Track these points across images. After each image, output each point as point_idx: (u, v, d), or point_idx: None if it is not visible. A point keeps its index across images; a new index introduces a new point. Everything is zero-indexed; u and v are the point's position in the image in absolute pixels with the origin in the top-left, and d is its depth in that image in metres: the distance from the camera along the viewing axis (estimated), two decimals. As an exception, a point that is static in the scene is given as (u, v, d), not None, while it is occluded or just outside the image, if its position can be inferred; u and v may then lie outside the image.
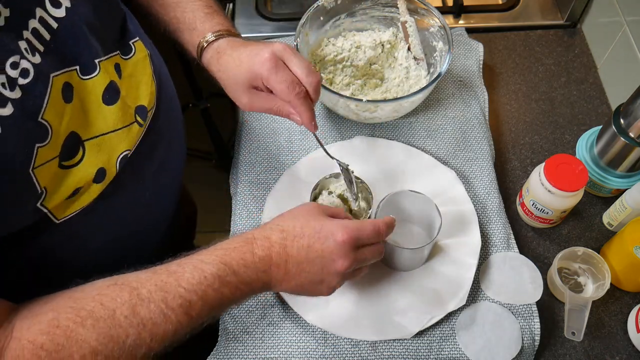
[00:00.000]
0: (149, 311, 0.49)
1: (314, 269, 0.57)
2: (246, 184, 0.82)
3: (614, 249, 0.74)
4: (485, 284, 0.72)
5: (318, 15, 0.85)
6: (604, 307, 0.74)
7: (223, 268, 0.53)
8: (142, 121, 0.61)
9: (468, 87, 0.91)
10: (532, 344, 0.69)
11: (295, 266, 0.57)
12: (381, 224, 0.60)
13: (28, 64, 0.47)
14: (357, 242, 0.58)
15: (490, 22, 1.04)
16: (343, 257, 0.57)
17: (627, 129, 0.73)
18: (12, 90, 0.45)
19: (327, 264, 0.57)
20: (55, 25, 0.51)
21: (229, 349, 0.69)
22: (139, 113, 0.61)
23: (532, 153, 0.87)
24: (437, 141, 0.85)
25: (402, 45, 0.89)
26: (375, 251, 0.61)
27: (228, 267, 0.53)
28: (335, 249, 0.57)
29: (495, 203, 0.79)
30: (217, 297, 0.53)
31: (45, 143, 0.49)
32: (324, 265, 0.57)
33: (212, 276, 0.52)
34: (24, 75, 0.47)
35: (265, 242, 0.56)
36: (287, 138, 0.86)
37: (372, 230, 0.59)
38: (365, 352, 0.68)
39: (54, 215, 0.53)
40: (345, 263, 0.57)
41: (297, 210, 0.61)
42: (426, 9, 0.85)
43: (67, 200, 0.54)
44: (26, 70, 0.47)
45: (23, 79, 0.47)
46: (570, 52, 0.99)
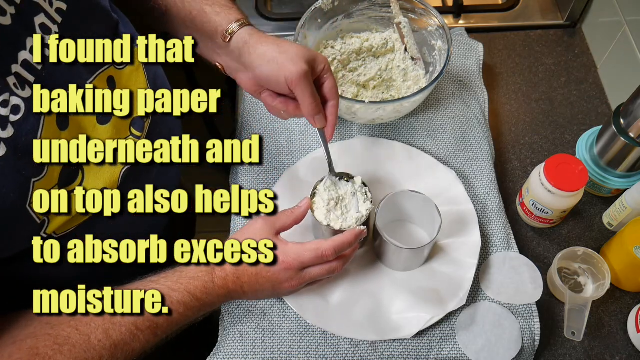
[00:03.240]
0: (120, 334, 0.54)
1: (267, 291, 0.64)
2: (246, 184, 0.82)
3: (614, 249, 0.74)
4: (485, 284, 0.72)
5: (316, 17, 0.85)
6: (604, 307, 0.74)
7: (188, 296, 0.59)
8: (139, 132, 0.61)
9: (468, 87, 0.91)
10: (532, 344, 0.69)
11: (250, 288, 0.63)
12: (325, 248, 0.62)
13: (18, 99, 0.46)
14: (300, 267, 0.62)
15: (490, 22, 1.04)
16: (289, 280, 0.63)
17: (627, 129, 0.73)
18: (3, 129, 0.45)
19: (276, 286, 0.63)
20: (47, 53, 0.49)
21: (229, 349, 0.69)
22: (135, 125, 0.61)
23: (532, 153, 0.87)
24: (437, 141, 0.85)
25: (400, 46, 0.89)
26: (322, 269, 0.64)
27: (192, 295, 0.59)
28: (280, 275, 0.62)
29: (495, 203, 0.79)
30: (182, 319, 0.59)
31: (41, 176, 0.49)
32: (274, 286, 0.64)
33: (178, 303, 0.58)
34: (15, 112, 0.46)
35: (221, 273, 0.62)
36: (287, 138, 0.86)
37: (313, 256, 0.62)
38: (365, 352, 0.68)
39: (54, 233, 0.54)
40: (292, 283, 0.63)
41: (247, 229, 0.65)
42: (424, 9, 0.85)
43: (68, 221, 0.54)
44: (17, 106, 0.46)
45: (14, 116, 0.46)
46: (570, 52, 0.99)
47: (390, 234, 0.68)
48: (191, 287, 0.59)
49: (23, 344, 0.50)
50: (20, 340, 0.50)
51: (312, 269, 0.64)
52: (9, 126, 0.45)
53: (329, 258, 0.63)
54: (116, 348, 0.53)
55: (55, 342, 0.50)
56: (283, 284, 0.63)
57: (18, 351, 0.49)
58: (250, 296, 0.65)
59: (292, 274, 0.62)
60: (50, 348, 0.50)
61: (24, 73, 0.47)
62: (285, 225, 0.65)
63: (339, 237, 0.64)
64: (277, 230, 0.64)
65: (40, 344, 0.50)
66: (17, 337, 0.50)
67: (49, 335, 0.51)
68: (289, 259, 0.62)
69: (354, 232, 0.65)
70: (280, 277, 0.62)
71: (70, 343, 0.51)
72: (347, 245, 0.64)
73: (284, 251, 0.62)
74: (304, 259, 0.62)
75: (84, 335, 0.52)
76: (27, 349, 0.49)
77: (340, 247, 0.63)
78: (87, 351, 0.51)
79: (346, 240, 0.64)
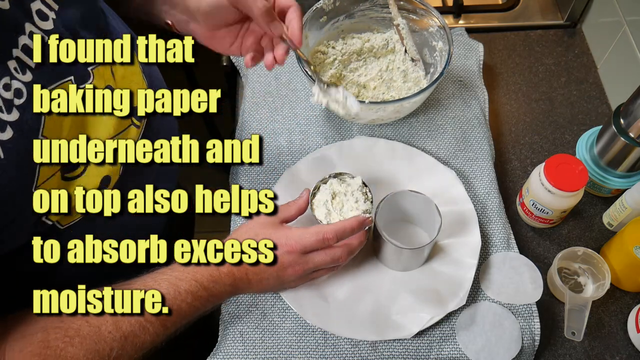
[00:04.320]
0: (130, 325, 0.54)
1: (271, 277, 0.64)
2: (246, 184, 0.82)
3: (614, 249, 0.74)
4: (485, 284, 0.72)
5: (317, 17, 0.85)
6: (604, 307, 0.74)
7: (195, 284, 0.59)
8: (138, 122, 0.61)
9: (468, 87, 0.91)
10: (532, 344, 0.69)
11: (255, 276, 0.63)
12: (327, 230, 0.63)
13: (19, 83, 0.47)
14: (302, 250, 0.63)
15: (490, 22, 1.04)
16: (292, 264, 0.63)
17: (627, 129, 0.73)
18: (9, 112, 0.45)
19: (280, 272, 0.64)
20: (46, 38, 0.50)
21: (229, 349, 0.69)
22: (134, 114, 0.61)
23: (532, 153, 0.87)
24: (437, 141, 0.85)
25: (400, 47, 0.89)
26: (326, 255, 0.65)
27: (199, 284, 0.59)
28: (283, 258, 0.63)
29: (495, 203, 0.79)
30: (190, 310, 0.59)
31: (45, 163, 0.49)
32: (278, 272, 0.64)
33: (185, 292, 0.58)
34: (18, 95, 0.46)
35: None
36: (287, 138, 0.86)
37: (314, 239, 0.63)
38: (365, 352, 0.68)
39: (59, 223, 0.54)
40: (296, 268, 0.64)
41: (252, 222, 0.66)
42: (425, 9, 0.85)
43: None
44: (19, 90, 0.46)
45: (18, 100, 0.46)
46: (570, 52, 0.99)
47: (390, 234, 0.68)
48: (198, 276, 0.59)
49: (34, 337, 0.50)
50: (31, 334, 0.50)
51: (316, 254, 0.64)
52: (14, 109, 0.46)
53: (331, 241, 0.63)
54: (126, 340, 0.53)
55: (66, 335, 0.51)
56: (287, 269, 0.63)
57: (29, 344, 0.49)
58: (255, 285, 0.64)
59: (295, 257, 0.63)
60: (61, 340, 0.50)
61: (24, 57, 0.47)
62: (289, 216, 0.67)
63: (341, 222, 0.65)
64: (282, 221, 0.66)
65: (51, 336, 0.50)
66: (27, 330, 0.50)
67: (59, 328, 0.51)
68: (292, 241, 0.63)
69: (358, 218, 0.65)
70: (283, 260, 0.63)
71: (81, 335, 0.51)
72: (349, 230, 0.64)
73: (286, 235, 0.63)
74: (306, 242, 0.63)
75: (94, 327, 0.52)
76: (37, 342, 0.49)
77: (341, 231, 0.64)
78: (98, 342, 0.51)
79: (348, 225, 0.64)
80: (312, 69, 0.72)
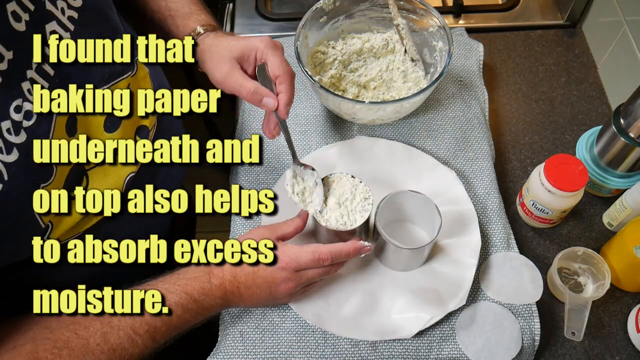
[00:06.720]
0: (118, 337, 0.54)
1: (263, 292, 0.64)
2: (246, 184, 0.82)
3: (614, 249, 0.74)
4: (485, 284, 0.72)
5: (317, 17, 0.85)
6: (604, 307, 0.74)
7: (185, 297, 0.59)
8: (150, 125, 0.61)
9: (468, 87, 0.91)
10: (532, 344, 0.69)
11: (247, 290, 0.63)
12: (323, 251, 0.63)
13: (31, 105, 0.47)
14: (296, 268, 0.63)
15: (490, 22, 1.04)
16: (286, 281, 0.63)
17: (627, 129, 0.73)
18: (17, 135, 0.45)
19: (272, 287, 0.63)
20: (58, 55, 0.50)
21: (229, 349, 0.69)
22: (140, 134, 0.61)
23: (532, 153, 0.87)
24: (437, 141, 0.85)
25: (400, 47, 0.89)
26: (320, 273, 0.65)
27: (189, 296, 0.59)
28: (277, 274, 0.63)
29: (495, 203, 0.79)
30: (180, 322, 0.59)
31: (49, 182, 0.49)
32: (271, 288, 0.63)
33: (175, 305, 0.58)
34: (27, 117, 0.46)
35: (219, 272, 0.62)
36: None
37: (309, 258, 0.63)
38: (365, 352, 0.68)
39: (58, 239, 0.54)
40: (289, 285, 0.63)
41: (247, 233, 0.67)
42: (425, 9, 0.85)
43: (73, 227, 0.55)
44: (29, 112, 0.47)
45: (27, 122, 0.46)
46: (570, 52, 0.99)
47: (390, 234, 0.68)
48: (188, 288, 0.59)
49: (22, 348, 0.50)
50: (20, 345, 0.50)
51: (309, 271, 0.64)
52: (22, 132, 0.46)
53: (325, 262, 0.63)
54: (114, 352, 0.53)
55: (55, 346, 0.51)
56: (280, 285, 0.63)
57: (18, 356, 0.49)
58: (247, 299, 0.64)
59: (288, 274, 0.63)
60: (50, 352, 0.50)
61: (38, 79, 0.48)
62: (286, 234, 0.66)
63: (339, 245, 0.64)
64: (278, 237, 0.65)
65: (40, 347, 0.50)
66: (17, 341, 0.51)
67: (48, 340, 0.51)
68: (287, 258, 0.63)
69: (356, 245, 0.65)
70: (276, 276, 0.63)
71: (69, 347, 0.51)
72: (345, 255, 0.65)
73: (283, 251, 0.63)
74: (301, 260, 0.62)
75: (83, 339, 0.52)
76: (26, 353, 0.50)
77: (337, 253, 0.64)
78: (86, 355, 0.52)
79: (345, 249, 0.64)
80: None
